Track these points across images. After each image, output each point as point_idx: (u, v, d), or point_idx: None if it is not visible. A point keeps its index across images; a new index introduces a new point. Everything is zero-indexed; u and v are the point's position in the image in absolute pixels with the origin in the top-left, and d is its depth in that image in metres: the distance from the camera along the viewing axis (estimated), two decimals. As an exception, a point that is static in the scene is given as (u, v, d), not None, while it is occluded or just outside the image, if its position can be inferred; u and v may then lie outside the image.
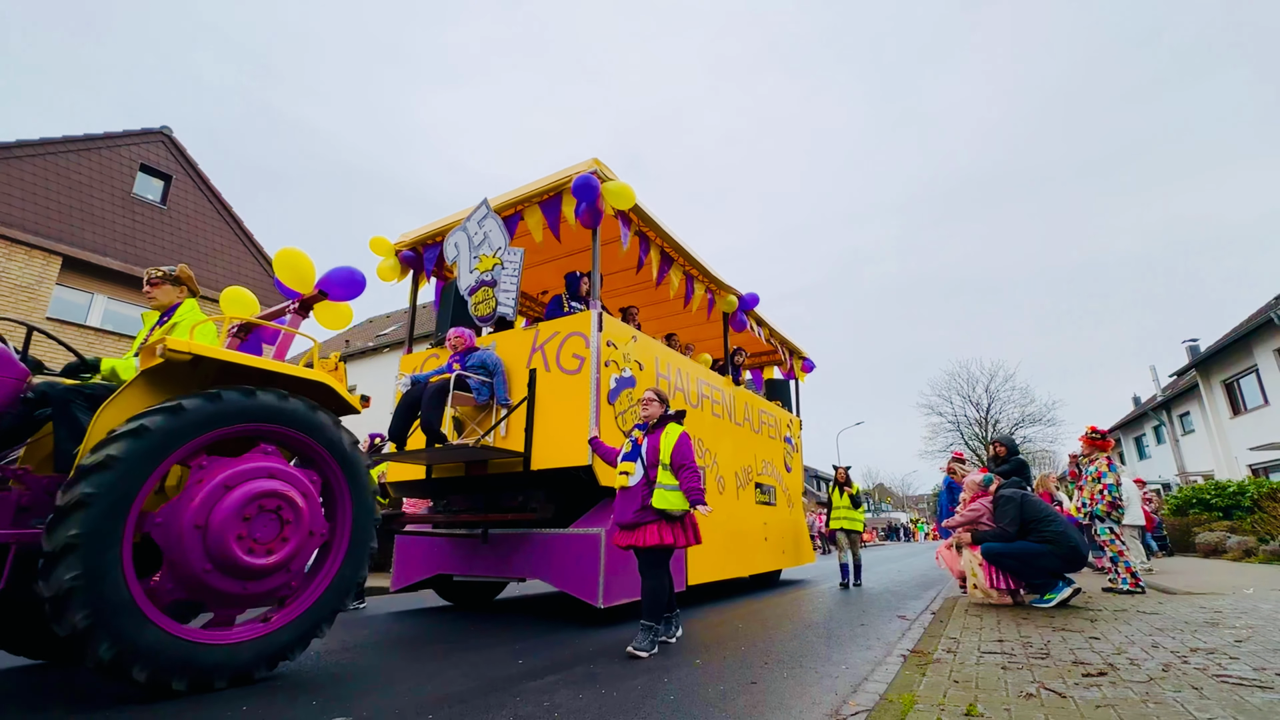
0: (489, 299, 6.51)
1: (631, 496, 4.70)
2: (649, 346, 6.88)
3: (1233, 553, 12.77)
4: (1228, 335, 22.38)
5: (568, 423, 5.85)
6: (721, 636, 5.14)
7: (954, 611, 5.75)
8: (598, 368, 5.88)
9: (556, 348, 6.18)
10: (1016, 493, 6.32)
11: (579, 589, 5.54)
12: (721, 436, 8.07)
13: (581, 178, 6.01)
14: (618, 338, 6.31)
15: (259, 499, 3.55)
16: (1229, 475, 21.12)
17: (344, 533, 4.10)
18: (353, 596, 4.16)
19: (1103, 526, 7.13)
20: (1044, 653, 3.84)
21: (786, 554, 9.72)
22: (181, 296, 4.48)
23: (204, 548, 3.29)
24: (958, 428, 40.17)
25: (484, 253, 6.61)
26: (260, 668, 3.55)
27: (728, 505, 7.94)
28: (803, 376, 11.69)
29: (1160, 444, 30.48)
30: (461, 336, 6.28)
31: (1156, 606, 5.79)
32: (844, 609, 6.94)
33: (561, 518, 6.13)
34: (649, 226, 6.88)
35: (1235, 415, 23.13)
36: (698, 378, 7.78)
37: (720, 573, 7.46)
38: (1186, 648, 3.90)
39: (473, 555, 6.36)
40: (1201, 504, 16.65)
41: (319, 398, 4.20)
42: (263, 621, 3.67)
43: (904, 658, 3.91)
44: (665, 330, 8.98)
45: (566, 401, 5.94)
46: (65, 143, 17.01)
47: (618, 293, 8.88)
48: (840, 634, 5.24)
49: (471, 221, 6.73)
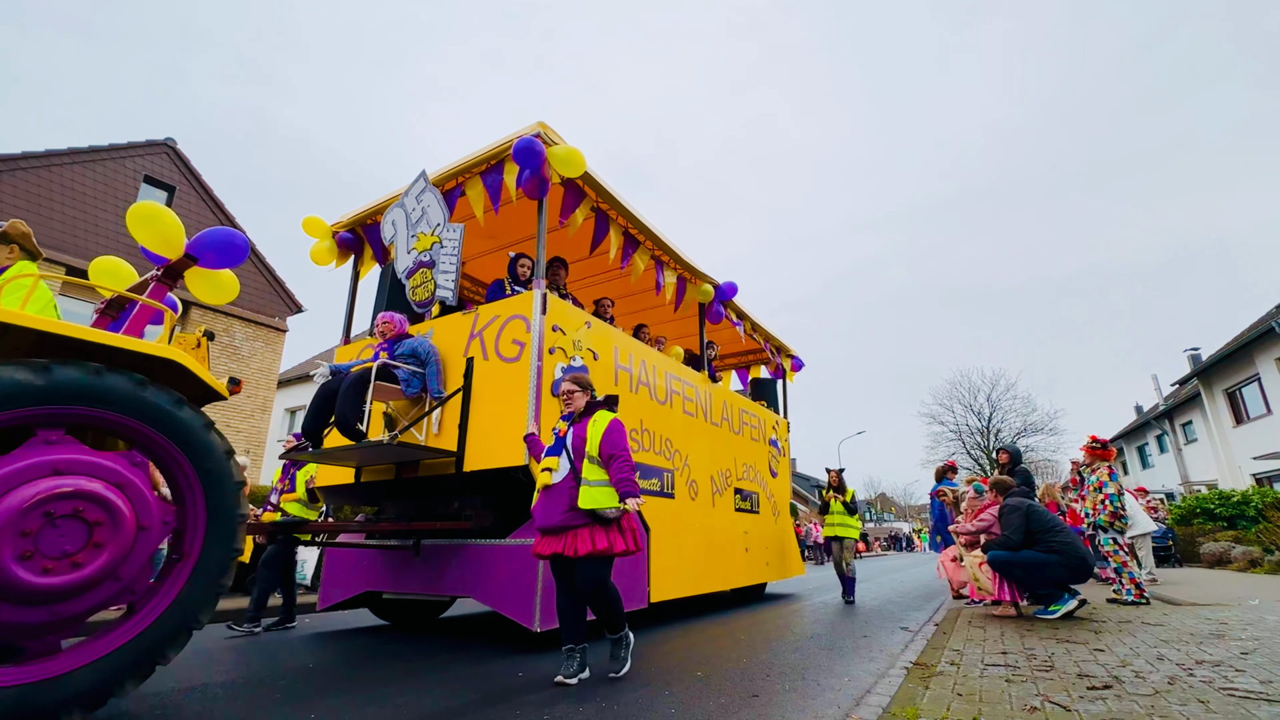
0: (427, 281, 5.54)
1: (556, 497, 3.84)
2: (606, 334, 5.86)
3: (1238, 563, 12.39)
4: (1229, 344, 21.68)
5: (505, 418, 4.88)
6: (722, 648, 4.86)
7: (957, 623, 5.51)
8: (539, 354, 4.88)
9: (496, 333, 5.19)
10: (1022, 502, 6.01)
11: (513, 609, 4.57)
12: (695, 437, 7.01)
13: (523, 141, 5.05)
14: (567, 323, 5.30)
15: (42, 505, 2.56)
16: (1233, 485, 20.35)
17: (195, 535, 3.11)
18: (216, 602, 3.16)
19: (1105, 537, 6.85)
20: (1048, 665, 3.68)
21: (771, 566, 8.59)
22: (12, 258, 3.51)
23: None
24: (959, 437, 38.66)
25: (422, 230, 5.64)
26: (74, 708, 2.64)
27: (701, 512, 6.87)
28: (792, 376, 10.57)
29: (1163, 453, 29.09)
30: (390, 322, 5.30)
31: (1161, 618, 5.55)
32: (846, 621, 6.55)
33: (501, 527, 5.15)
34: (606, 201, 5.88)
35: (1238, 424, 22.35)
36: (666, 372, 6.73)
37: (691, 587, 6.38)
38: (1192, 660, 3.74)
39: (404, 569, 5.34)
40: (1206, 514, 16.12)
41: (172, 379, 3.23)
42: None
43: (907, 670, 3.71)
44: (637, 322, 7.90)
45: (504, 394, 4.95)
46: (70, 154, 16.41)
47: (589, 283, 7.86)
48: (842, 646, 4.98)
49: (409, 196, 5.77)
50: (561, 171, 5.23)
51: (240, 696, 3.48)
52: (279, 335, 18.18)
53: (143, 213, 3.77)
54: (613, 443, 3.76)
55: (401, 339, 5.34)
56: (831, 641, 5.17)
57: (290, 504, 5.98)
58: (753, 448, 8.73)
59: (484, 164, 5.52)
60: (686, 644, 5.06)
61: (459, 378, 5.28)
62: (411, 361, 5.24)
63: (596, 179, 5.66)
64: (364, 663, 4.34)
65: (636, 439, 5.95)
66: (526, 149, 5.06)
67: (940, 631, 5.14)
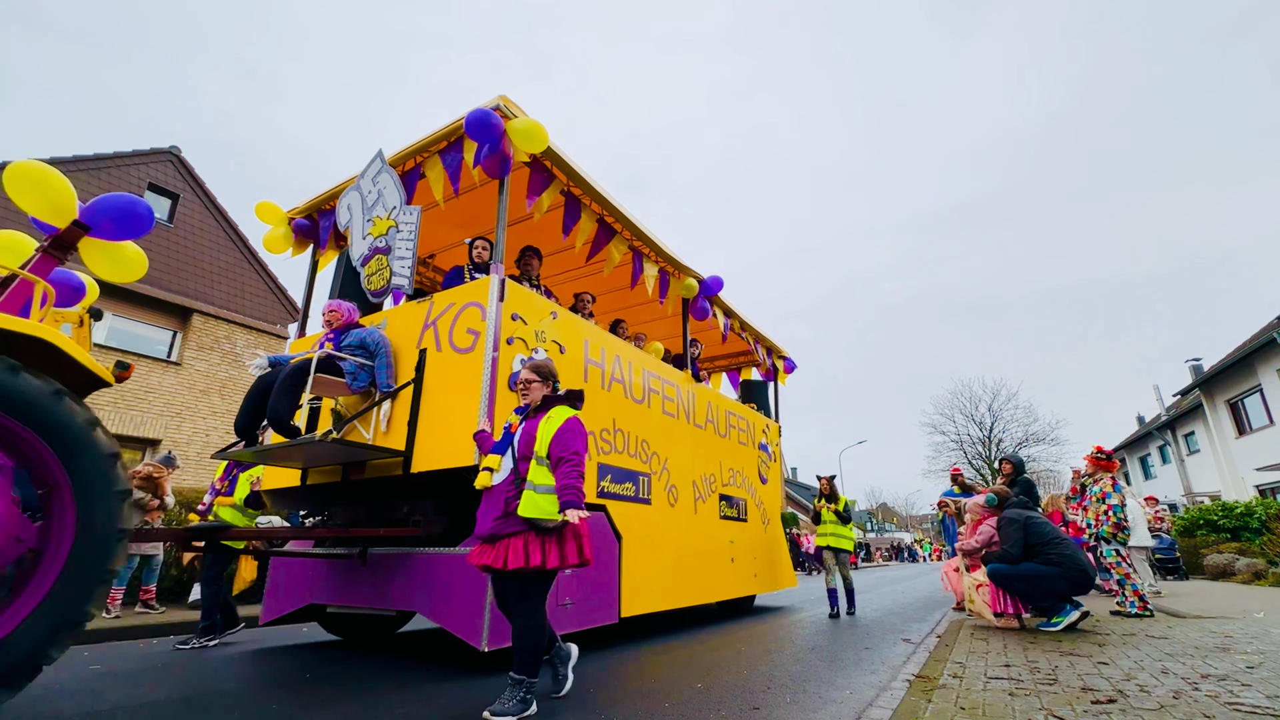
0: (383, 269, 4.99)
1: (494, 500, 3.30)
2: (575, 326, 5.27)
3: (1242, 575, 11.96)
4: (1231, 355, 21.26)
5: (457, 414, 4.34)
6: (722, 659, 4.68)
7: (959, 635, 5.32)
8: (495, 345, 4.31)
9: (450, 323, 4.63)
10: (1020, 514, 5.78)
11: (459, 626, 4.01)
12: (675, 439, 6.39)
13: (477, 113, 4.52)
14: (529, 312, 4.73)
15: None
16: (1236, 496, 19.88)
17: (60, 546, 2.52)
18: (72, 636, 2.58)
19: (1109, 548, 6.60)
20: (1051, 678, 3.55)
21: (760, 577, 7.92)
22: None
23: None
24: (961, 447, 37.68)
25: (378, 214, 5.10)
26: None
27: (681, 520, 6.24)
28: (784, 378, 9.89)
29: (1166, 464, 28.19)
30: (336, 311, 4.75)
31: (1165, 630, 5.36)
32: (847, 632, 6.27)
33: (453, 534, 4.55)
34: (577, 184, 5.30)
35: (1240, 435, 21.73)
36: (644, 369, 6.13)
37: (669, 600, 5.74)
38: (1197, 674, 3.60)
39: (349, 581, 4.75)
40: (1209, 525, 15.63)
41: (51, 366, 2.71)
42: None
43: (909, 683, 3.56)
44: (619, 319, 7.29)
45: (457, 387, 4.40)
46: (76, 162, 16.12)
47: (570, 277, 7.27)
48: (844, 658, 4.77)
49: (365, 179, 5.24)
50: (522, 146, 4.69)
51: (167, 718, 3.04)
52: (280, 343, 17.72)
53: (24, 174, 3.22)
54: (564, 444, 3.19)
55: (350, 329, 4.78)
56: (832, 653, 4.96)
57: (225, 509, 5.37)
58: (740, 452, 8.09)
59: (443, 141, 4.99)
60: (685, 655, 4.86)
61: (413, 371, 4.70)
62: (359, 353, 4.68)
63: (564, 159, 5.11)
64: (305, 683, 3.82)
65: (608, 439, 5.35)
66: (481, 121, 4.53)
67: (942, 644, 4.93)
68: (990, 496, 6.16)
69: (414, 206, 4.94)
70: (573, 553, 3.22)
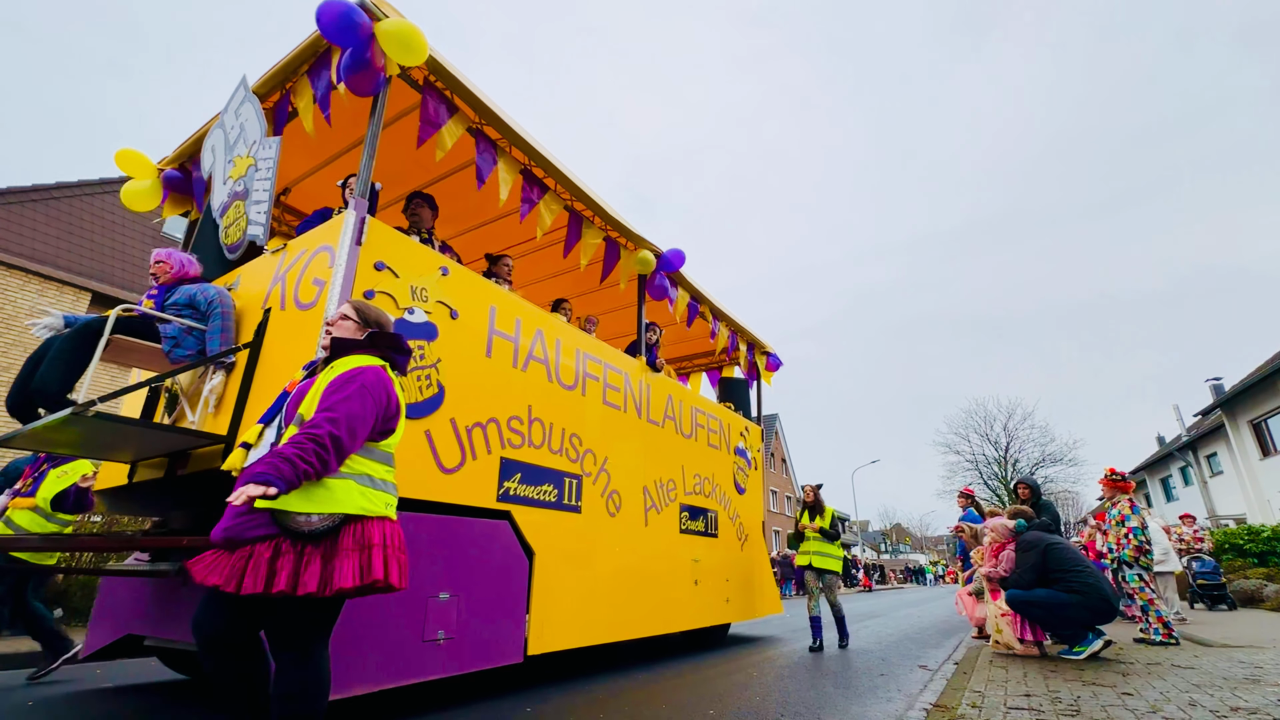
0: (240, 218, 3.75)
1: None
2: (477, 287, 3.99)
3: (1271, 601, 11.00)
4: (1253, 374, 19.37)
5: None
6: (734, 685, 4.35)
7: (978, 662, 4.96)
8: (344, 297, 2.98)
9: (298, 274, 3.31)
10: (1040, 538, 5.30)
11: None
12: (620, 436, 5.02)
13: (334, 6, 3.21)
14: (403, 262, 3.47)
15: None
16: (1262, 519, 18.03)
17: None
18: None
19: (1131, 573, 6.03)
20: (1074, 709, 3.14)
21: (734, 603, 6.39)
22: None
23: None
24: (976, 467, 35.38)
25: (239, 153, 3.89)
26: None
27: (625, 532, 4.83)
28: (768, 376, 8.36)
29: (1188, 485, 25.81)
30: (164, 263, 3.54)
31: (1192, 660, 4.93)
32: (861, 658, 5.80)
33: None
34: (490, 122, 4.05)
35: (1265, 456, 19.63)
36: (578, 349, 4.79)
37: (603, 632, 4.33)
38: (1227, 706, 3.15)
39: (169, 605, 3.43)
40: (1235, 550, 14.13)
41: None
42: None
43: (926, 712, 3.22)
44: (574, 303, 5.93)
45: (296, 355, 3.10)
46: (101, 184, 15.67)
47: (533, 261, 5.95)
48: (858, 685, 4.43)
49: (229, 112, 4.09)
50: (394, 56, 3.46)
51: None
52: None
53: None
54: (330, 399, 2.02)
55: (179, 284, 3.51)
56: (847, 680, 4.63)
57: (20, 512, 4.06)
58: (711, 456, 6.63)
59: (311, 56, 3.76)
60: (696, 679, 4.54)
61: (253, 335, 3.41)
62: (187, 313, 3.41)
63: (462, 80, 3.89)
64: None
65: (519, 430, 4.00)
66: (340, 19, 3.31)
67: (960, 671, 4.63)
68: (1020, 523, 5.58)
69: (272, 139, 3.72)
70: (350, 572, 1.92)
